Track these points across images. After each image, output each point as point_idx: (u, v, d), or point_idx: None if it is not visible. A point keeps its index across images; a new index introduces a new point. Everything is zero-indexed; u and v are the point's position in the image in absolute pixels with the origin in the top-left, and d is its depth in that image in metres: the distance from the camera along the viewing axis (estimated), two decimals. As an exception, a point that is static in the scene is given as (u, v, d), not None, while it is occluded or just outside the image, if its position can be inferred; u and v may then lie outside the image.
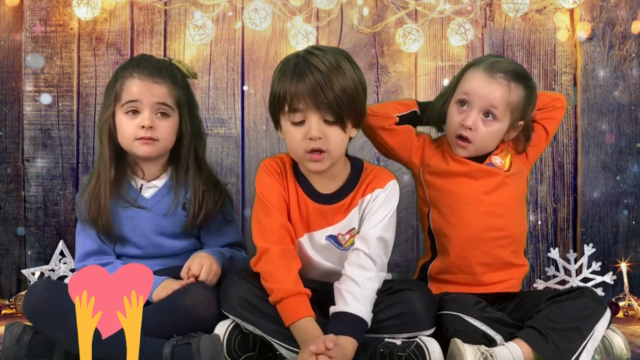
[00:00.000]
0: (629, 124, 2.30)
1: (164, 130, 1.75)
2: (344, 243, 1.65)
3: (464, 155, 1.76)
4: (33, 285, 1.65)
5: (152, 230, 1.79)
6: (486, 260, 1.75)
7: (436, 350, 1.48)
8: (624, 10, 2.29)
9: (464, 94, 1.74)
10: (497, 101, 1.71)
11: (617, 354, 1.61)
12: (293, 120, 1.55)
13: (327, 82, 1.50)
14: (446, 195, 1.77)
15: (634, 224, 2.30)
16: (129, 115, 1.73)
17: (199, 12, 2.23)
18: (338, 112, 1.52)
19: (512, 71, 1.74)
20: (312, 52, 1.55)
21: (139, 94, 1.72)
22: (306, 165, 1.60)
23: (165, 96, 1.74)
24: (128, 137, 1.74)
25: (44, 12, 2.29)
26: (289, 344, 1.51)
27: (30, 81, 2.29)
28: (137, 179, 1.81)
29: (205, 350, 1.48)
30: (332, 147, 1.55)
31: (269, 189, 1.64)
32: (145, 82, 1.72)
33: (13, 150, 2.32)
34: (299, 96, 1.51)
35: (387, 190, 1.64)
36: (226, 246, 1.83)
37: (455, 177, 1.77)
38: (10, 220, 2.32)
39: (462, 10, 2.27)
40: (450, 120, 1.76)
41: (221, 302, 1.59)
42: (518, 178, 1.80)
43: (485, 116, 1.72)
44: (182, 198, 1.79)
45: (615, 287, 2.23)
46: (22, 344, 1.58)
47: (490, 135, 1.74)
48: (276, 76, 1.59)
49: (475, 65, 1.77)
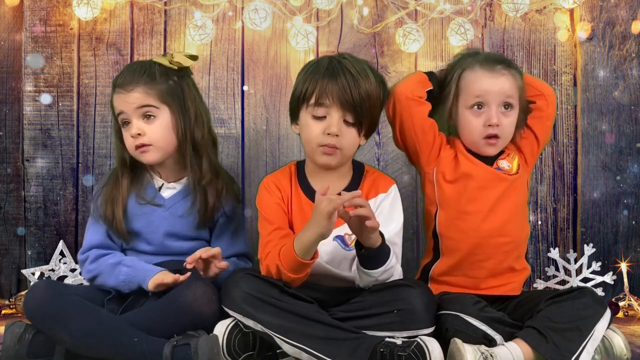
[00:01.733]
0: (629, 124, 2.30)
1: (153, 132, 1.76)
2: (349, 243, 1.70)
3: (494, 153, 1.80)
4: (34, 285, 1.65)
5: (164, 231, 1.80)
6: (489, 265, 1.76)
7: (436, 350, 1.48)
8: (624, 10, 2.29)
9: (477, 97, 1.75)
10: (511, 91, 1.77)
11: (617, 354, 1.61)
12: (315, 114, 1.66)
13: (355, 84, 1.64)
14: (457, 198, 1.78)
15: (634, 224, 2.30)
16: (124, 127, 1.79)
17: (199, 12, 2.23)
18: (359, 113, 1.65)
19: (503, 60, 1.81)
20: (344, 57, 1.71)
21: (121, 106, 1.77)
22: (317, 159, 1.69)
23: (142, 98, 1.76)
24: (129, 148, 1.79)
25: (44, 12, 2.29)
26: (292, 339, 1.51)
27: (30, 81, 2.29)
28: (157, 179, 1.84)
29: (202, 352, 1.48)
30: (345, 146, 1.67)
31: (269, 205, 1.72)
32: (122, 93, 1.76)
33: (13, 150, 2.32)
34: (328, 93, 1.64)
35: (390, 195, 1.73)
36: (233, 256, 1.84)
37: (466, 180, 1.78)
38: (10, 220, 2.32)
39: (462, 10, 2.27)
40: (470, 126, 1.77)
41: (223, 298, 1.60)
42: (522, 182, 1.83)
43: (505, 109, 1.77)
44: (198, 202, 1.81)
45: (615, 287, 2.23)
46: (24, 344, 1.58)
47: (511, 125, 1.79)
48: (305, 73, 1.70)
49: (469, 67, 1.79)
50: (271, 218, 1.69)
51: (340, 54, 1.76)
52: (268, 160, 2.29)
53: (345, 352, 1.48)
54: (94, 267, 1.77)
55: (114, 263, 1.74)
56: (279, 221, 1.69)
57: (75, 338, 1.56)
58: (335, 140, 1.65)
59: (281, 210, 1.71)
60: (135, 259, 1.75)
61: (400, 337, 1.53)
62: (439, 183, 1.80)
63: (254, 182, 2.29)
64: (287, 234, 1.68)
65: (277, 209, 1.71)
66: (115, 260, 1.74)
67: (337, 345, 1.49)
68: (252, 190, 2.29)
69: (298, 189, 1.74)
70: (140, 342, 1.54)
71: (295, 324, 1.51)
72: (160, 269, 1.70)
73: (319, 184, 1.70)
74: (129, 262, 1.73)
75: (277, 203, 1.71)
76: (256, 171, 2.30)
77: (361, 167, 1.79)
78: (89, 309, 1.60)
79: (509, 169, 1.81)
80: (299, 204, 1.72)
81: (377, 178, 1.76)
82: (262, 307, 1.54)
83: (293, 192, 1.73)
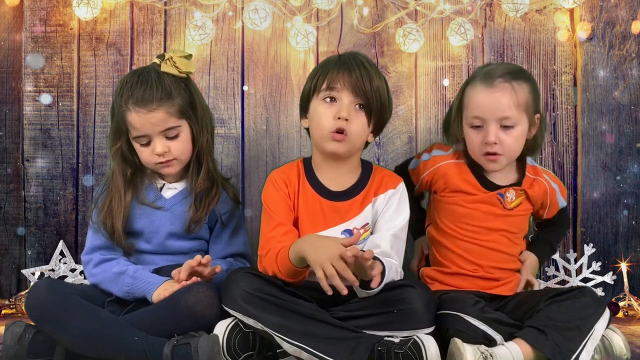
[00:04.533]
0: (629, 124, 2.30)
1: (178, 148, 1.78)
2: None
3: (498, 168, 1.78)
4: (35, 284, 1.66)
5: (165, 231, 1.81)
6: (480, 274, 1.79)
7: (432, 347, 1.48)
8: (624, 10, 2.29)
9: (474, 117, 1.74)
10: (507, 109, 1.71)
11: (617, 353, 1.61)
12: (326, 97, 1.67)
13: (368, 76, 1.67)
14: (447, 214, 1.82)
15: (634, 224, 2.29)
16: (143, 145, 1.77)
17: (199, 12, 2.23)
18: (370, 100, 1.67)
19: (508, 72, 1.74)
20: (357, 54, 1.73)
21: (142, 127, 1.74)
22: (326, 146, 1.69)
23: (165, 120, 1.75)
24: (148, 163, 1.79)
25: (44, 12, 2.29)
26: (292, 337, 1.51)
27: (30, 81, 2.29)
28: (159, 180, 1.84)
29: (203, 351, 1.48)
30: (354, 131, 1.67)
31: (275, 200, 1.72)
32: (141, 113, 1.73)
33: (13, 150, 2.32)
34: (340, 79, 1.66)
35: (399, 191, 1.75)
36: (231, 256, 1.84)
37: (461, 197, 1.81)
38: (10, 220, 2.32)
39: (462, 10, 2.27)
40: (472, 143, 1.77)
41: (223, 297, 1.60)
42: (518, 219, 1.82)
43: (503, 127, 1.72)
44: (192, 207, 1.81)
45: (615, 287, 2.23)
46: (24, 344, 1.58)
47: (516, 142, 1.74)
48: (316, 69, 1.73)
49: (471, 82, 1.77)
50: (275, 213, 1.70)
51: (351, 51, 1.78)
52: (268, 160, 2.29)
53: (345, 351, 1.48)
54: (97, 272, 1.77)
55: (117, 272, 1.73)
56: (282, 217, 1.69)
57: (75, 337, 1.56)
58: (345, 125, 1.65)
59: (286, 206, 1.71)
60: (140, 269, 1.74)
61: (400, 337, 1.53)
62: (434, 199, 1.86)
63: (254, 182, 2.29)
64: (290, 230, 1.68)
65: (283, 204, 1.71)
66: (119, 270, 1.74)
67: (337, 344, 1.50)
68: (252, 190, 2.29)
69: (305, 183, 1.74)
70: (141, 341, 1.54)
71: (295, 323, 1.52)
72: (163, 280, 1.70)
73: (327, 178, 1.74)
74: (133, 272, 1.72)
75: (283, 199, 1.72)
76: (256, 171, 2.30)
77: (369, 164, 1.80)
78: (90, 309, 1.60)
79: (510, 202, 1.80)
80: (305, 198, 1.73)
81: (385, 176, 1.78)
82: (262, 306, 1.54)
83: (300, 187, 1.74)
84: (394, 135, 2.29)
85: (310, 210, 1.71)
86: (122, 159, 1.80)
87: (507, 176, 1.82)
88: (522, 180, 1.82)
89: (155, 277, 1.71)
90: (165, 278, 1.70)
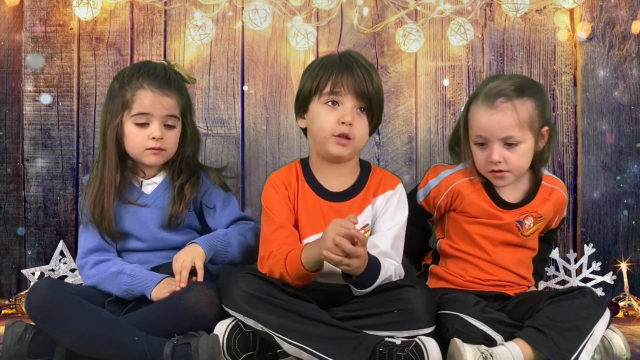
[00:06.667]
0: (629, 124, 2.30)
1: (171, 141, 1.81)
2: None
3: (506, 184, 1.77)
4: (36, 284, 1.66)
5: (154, 224, 1.82)
6: (492, 283, 1.80)
7: (434, 350, 1.48)
8: (624, 10, 2.29)
9: (477, 136, 1.74)
10: (509, 129, 1.69)
11: (617, 353, 1.61)
12: (329, 101, 1.68)
13: (370, 78, 1.69)
14: (462, 237, 1.82)
15: (634, 224, 2.30)
16: (138, 125, 1.78)
17: (199, 12, 2.23)
18: (372, 103, 1.69)
19: (512, 89, 1.71)
20: (353, 53, 1.75)
21: (151, 106, 1.77)
22: (329, 149, 1.70)
23: (173, 108, 1.80)
24: (137, 147, 1.79)
25: (44, 12, 2.29)
26: (292, 338, 1.51)
27: (30, 81, 2.29)
28: (138, 177, 1.85)
29: (203, 351, 1.49)
30: (358, 135, 1.69)
31: (275, 202, 1.72)
32: (157, 94, 1.78)
33: (13, 150, 2.32)
34: (343, 82, 1.67)
35: (398, 192, 1.76)
36: (232, 223, 1.86)
37: (479, 224, 1.80)
38: (10, 220, 2.32)
39: (462, 10, 2.27)
40: (478, 160, 1.77)
41: (223, 297, 1.60)
42: (533, 242, 1.84)
43: (507, 145, 1.72)
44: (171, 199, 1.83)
45: (615, 287, 2.23)
46: (24, 344, 1.58)
47: (521, 158, 1.73)
48: (315, 68, 1.72)
49: (474, 101, 1.76)
50: (275, 216, 1.70)
51: (346, 50, 1.79)
52: (268, 160, 2.29)
53: (345, 352, 1.48)
54: (94, 274, 1.77)
55: (115, 272, 1.74)
56: (284, 219, 1.70)
57: (75, 337, 1.56)
58: (349, 129, 1.67)
59: (286, 208, 1.72)
60: (137, 267, 1.74)
61: (400, 337, 1.53)
62: (451, 217, 1.84)
63: (254, 182, 2.29)
64: (291, 232, 1.69)
65: (283, 206, 1.72)
66: (117, 269, 1.74)
67: (337, 344, 1.49)
68: (252, 190, 2.29)
69: (304, 184, 1.75)
70: (141, 341, 1.54)
71: (295, 323, 1.52)
72: (162, 277, 1.70)
73: (326, 179, 1.74)
74: (130, 270, 1.73)
75: (283, 201, 1.72)
76: (256, 171, 2.30)
77: (368, 165, 1.81)
78: (90, 309, 1.60)
79: (528, 228, 1.80)
80: (305, 200, 1.73)
81: (383, 176, 1.78)
82: (262, 307, 1.54)
83: (300, 189, 1.74)
84: (394, 135, 2.29)
85: (310, 212, 1.72)
86: (115, 138, 1.80)
87: (519, 186, 1.81)
88: (537, 190, 1.81)
89: (153, 275, 1.72)
90: (163, 275, 1.71)
